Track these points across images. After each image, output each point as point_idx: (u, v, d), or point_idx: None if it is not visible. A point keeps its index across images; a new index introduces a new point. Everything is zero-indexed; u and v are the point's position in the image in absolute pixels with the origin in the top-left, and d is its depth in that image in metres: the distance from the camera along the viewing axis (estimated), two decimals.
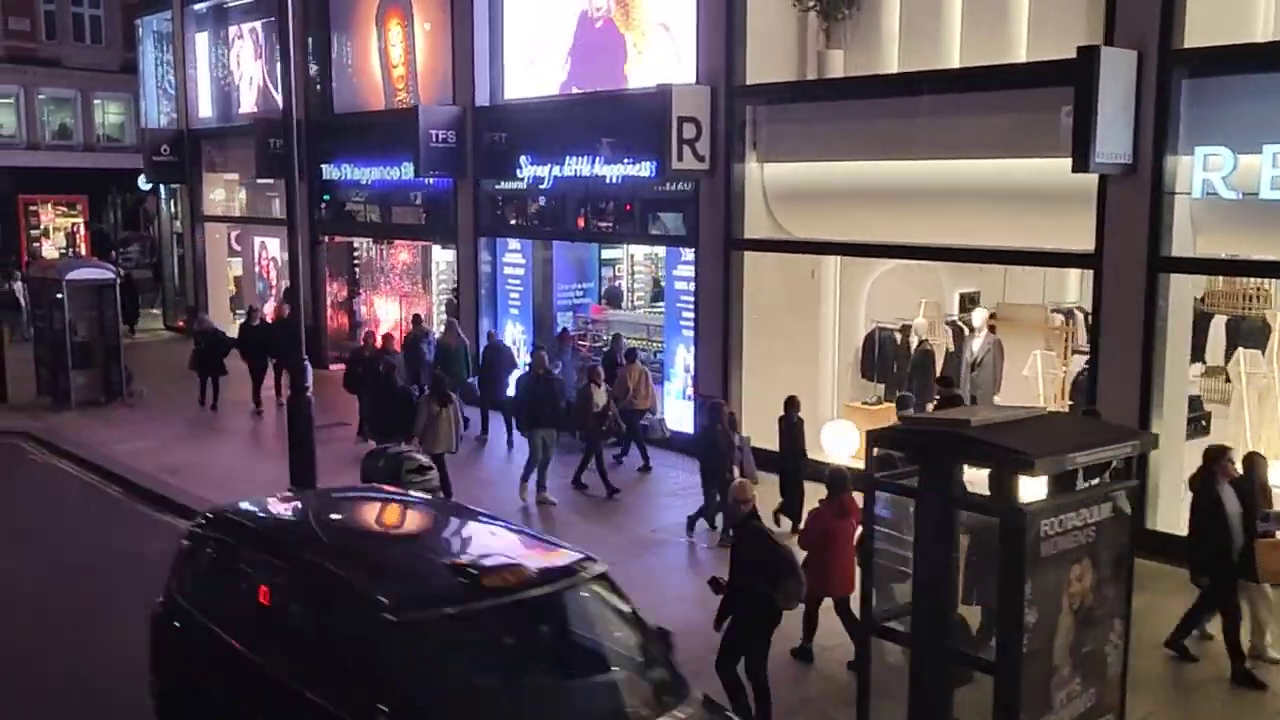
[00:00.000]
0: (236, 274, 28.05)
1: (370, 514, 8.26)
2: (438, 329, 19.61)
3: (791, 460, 12.62)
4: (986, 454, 6.37)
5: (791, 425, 12.75)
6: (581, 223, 17.84)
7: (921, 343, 15.17)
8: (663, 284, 21.03)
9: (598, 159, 16.69)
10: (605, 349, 16.92)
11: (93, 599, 10.70)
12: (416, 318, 19.40)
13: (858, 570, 8.53)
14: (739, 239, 15.23)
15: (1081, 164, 11.00)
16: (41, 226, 41.54)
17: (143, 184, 39.71)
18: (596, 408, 14.07)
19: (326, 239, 23.17)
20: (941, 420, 7.34)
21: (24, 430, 17.58)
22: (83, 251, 41.55)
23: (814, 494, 12.12)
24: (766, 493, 11.34)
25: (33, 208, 41.27)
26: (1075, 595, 6.41)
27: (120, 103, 43.05)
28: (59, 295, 18.80)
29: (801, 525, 10.36)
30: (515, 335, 18.79)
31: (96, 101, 42.44)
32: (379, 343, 17.30)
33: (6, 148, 40.09)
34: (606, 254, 19.89)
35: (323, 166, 22.43)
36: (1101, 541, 6.51)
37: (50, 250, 40.81)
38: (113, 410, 19.08)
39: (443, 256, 23.32)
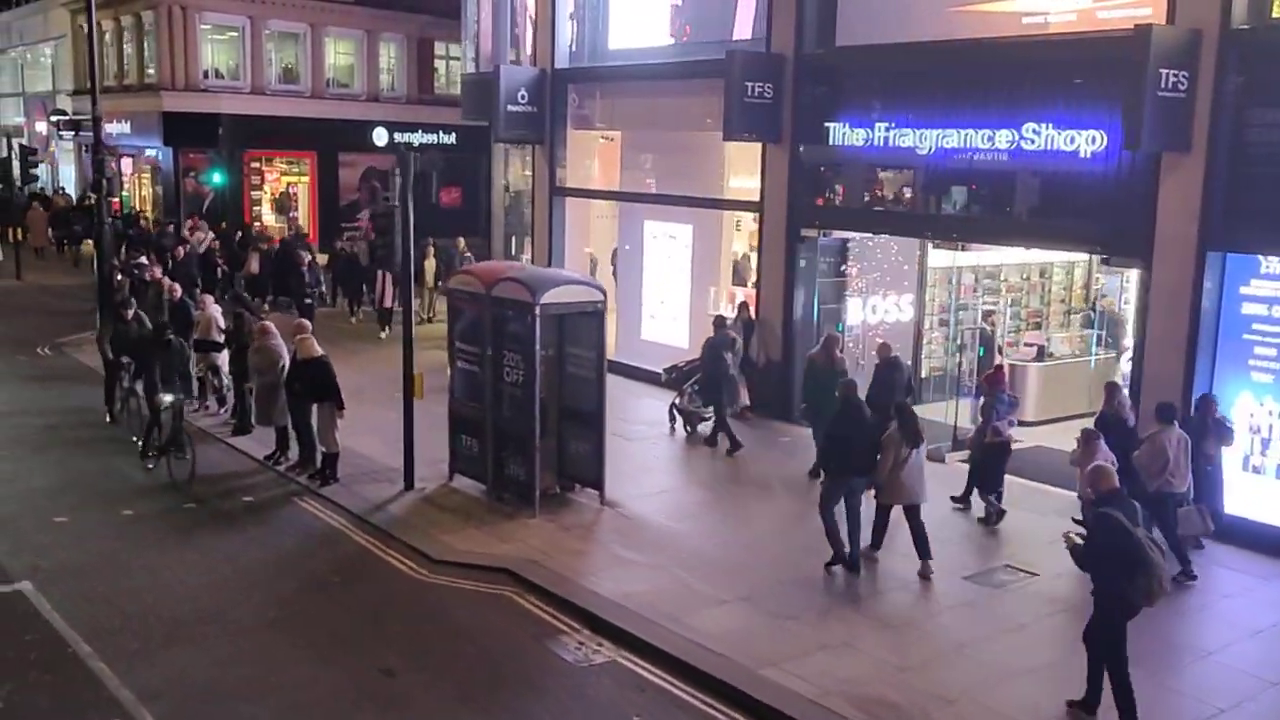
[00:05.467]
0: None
1: None
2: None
3: None
4: None
5: None
6: None
7: None
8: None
9: None
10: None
11: None
12: (720, 320, 15.11)
13: None
14: None
15: None
16: (265, 187, 34.86)
17: (378, 139, 32.76)
18: None
19: (818, 233, 15.62)
20: None
21: (498, 563, 10.38)
22: (302, 221, 34.39)
23: None
24: None
25: (254, 164, 34.53)
26: None
27: (351, 41, 36.16)
28: (526, 325, 11.52)
29: None
30: (1263, 411, 11.12)
31: (327, 40, 35.56)
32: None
33: (228, 92, 33.42)
34: None
35: (828, 126, 14.93)
36: None
37: (270, 217, 34.13)
38: (588, 511, 11.90)
39: (937, 262, 16.44)
